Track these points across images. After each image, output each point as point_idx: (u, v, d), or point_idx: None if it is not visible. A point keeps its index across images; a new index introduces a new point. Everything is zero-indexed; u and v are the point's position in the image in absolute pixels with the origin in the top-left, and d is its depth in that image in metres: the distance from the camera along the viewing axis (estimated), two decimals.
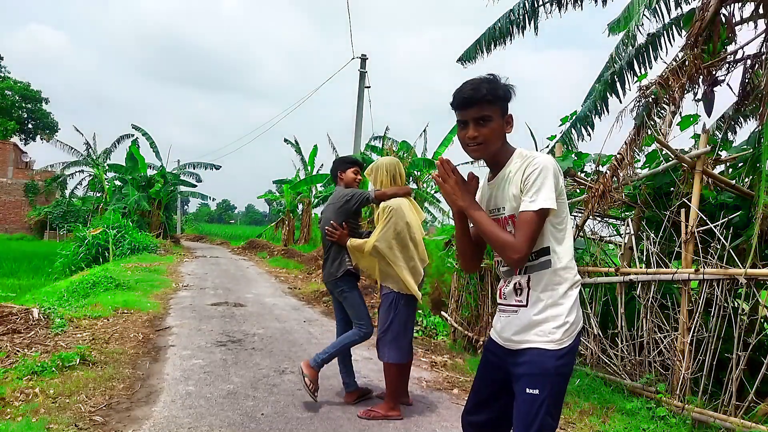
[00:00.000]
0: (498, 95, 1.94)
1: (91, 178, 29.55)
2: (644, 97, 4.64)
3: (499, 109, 1.95)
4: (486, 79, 1.96)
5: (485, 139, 1.95)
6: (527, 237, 1.85)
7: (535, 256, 1.93)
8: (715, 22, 4.77)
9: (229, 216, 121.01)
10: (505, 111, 1.99)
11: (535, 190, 1.86)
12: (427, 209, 21.70)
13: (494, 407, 2.06)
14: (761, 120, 4.18)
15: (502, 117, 1.97)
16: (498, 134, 1.96)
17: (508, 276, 2.02)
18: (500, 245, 1.88)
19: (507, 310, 2.01)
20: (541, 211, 1.85)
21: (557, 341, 1.86)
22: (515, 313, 1.96)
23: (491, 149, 1.98)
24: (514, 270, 1.98)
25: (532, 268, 1.94)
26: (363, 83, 16.59)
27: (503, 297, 2.04)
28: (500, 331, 2.03)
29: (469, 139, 1.97)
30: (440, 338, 6.90)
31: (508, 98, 1.99)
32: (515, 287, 1.98)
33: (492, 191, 2.05)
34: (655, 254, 4.25)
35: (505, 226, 1.98)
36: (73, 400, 3.68)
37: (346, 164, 4.11)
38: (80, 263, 15.31)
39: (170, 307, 7.76)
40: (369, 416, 3.65)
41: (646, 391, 4.03)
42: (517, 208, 1.92)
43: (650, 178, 4.60)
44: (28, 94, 44.03)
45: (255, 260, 18.60)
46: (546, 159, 1.92)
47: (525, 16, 6.80)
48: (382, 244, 3.61)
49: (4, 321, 5.20)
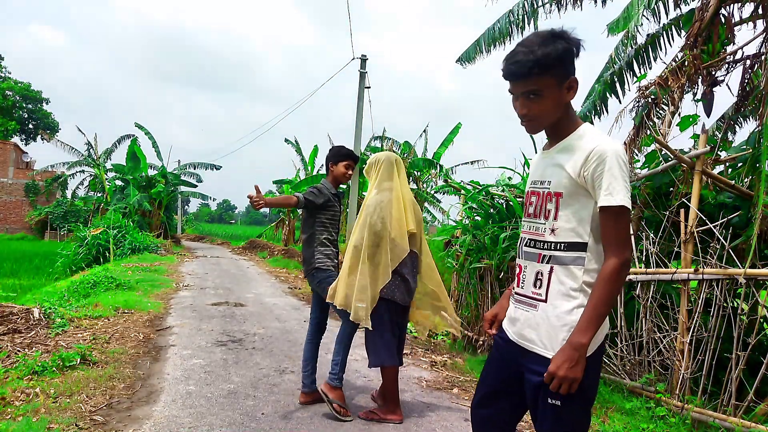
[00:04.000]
0: (550, 63, 1.64)
1: (91, 178, 29.61)
2: (644, 97, 4.65)
3: (554, 78, 1.67)
4: (542, 41, 1.66)
5: (537, 115, 1.72)
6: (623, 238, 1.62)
7: (567, 248, 1.69)
8: (714, 23, 4.78)
9: (229, 216, 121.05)
10: (565, 77, 1.69)
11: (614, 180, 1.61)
12: (427, 209, 21.72)
13: (504, 401, 1.89)
14: (761, 120, 4.19)
15: (560, 85, 1.69)
16: (553, 107, 1.71)
17: (530, 260, 1.79)
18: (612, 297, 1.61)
19: (524, 301, 1.80)
20: (626, 207, 1.62)
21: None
22: (533, 308, 1.75)
23: (545, 123, 1.76)
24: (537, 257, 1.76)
25: (560, 260, 1.70)
26: (363, 84, 16.58)
27: (521, 284, 1.81)
28: (514, 324, 1.83)
29: (520, 114, 1.76)
30: (440, 338, 6.91)
31: (568, 61, 1.67)
32: (536, 275, 1.75)
33: (544, 160, 1.83)
34: (655, 254, 4.26)
35: (547, 203, 1.75)
36: (74, 399, 3.68)
37: (340, 156, 3.94)
38: (81, 263, 15.35)
39: (171, 306, 7.77)
40: (369, 418, 3.63)
41: (645, 391, 4.04)
42: (566, 186, 1.70)
43: (650, 178, 4.61)
44: (29, 94, 44.06)
45: (255, 260, 18.61)
46: (614, 145, 1.67)
47: (524, 16, 6.81)
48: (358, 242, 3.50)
49: (5, 321, 5.21)
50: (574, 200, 1.70)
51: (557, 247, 1.71)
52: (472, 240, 5.98)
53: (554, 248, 1.72)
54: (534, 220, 1.80)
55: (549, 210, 1.74)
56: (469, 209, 6.46)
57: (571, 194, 1.70)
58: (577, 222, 1.69)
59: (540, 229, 1.77)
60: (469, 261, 6.03)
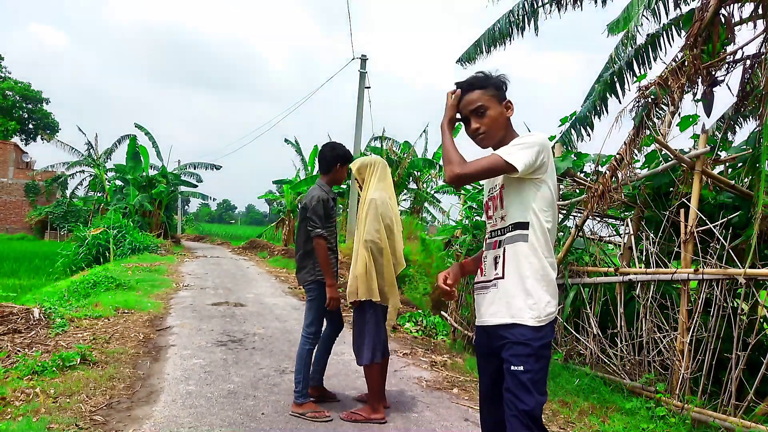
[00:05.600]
0: (488, 84, 2.03)
1: (91, 178, 29.60)
2: (643, 97, 4.64)
3: (494, 97, 2.03)
4: (474, 75, 2.07)
5: (487, 127, 2.03)
6: (478, 166, 1.92)
7: (512, 228, 1.98)
8: (714, 23, 4.77)
9: (229, 216, 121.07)
10: (502, 98, 2.05)
11: (518, 147, 1.91)
12: (427, 209, 21.73)
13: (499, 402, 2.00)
14: (761, 120, 4.18)
15: (500, 104, 2.04)
16: (499, 121, 2.04)
17: (488, 250, 2.08)
18: (448, 158, 1.96)
19: (486, 286, 2.05)
20: (509, 165, 1.88)
21: (535, 318, 1.90)
22: (495, 287, 2.00)
23: (497, 137, 2.04)
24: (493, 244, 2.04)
25: (510, 240, 1.98)
26: (363, 83, 16.59)
27: (484, 273, 2.09)
28: (479, 310, 2.08)
29: (473, 132, 2.05)
30: (440, 338, 6.91)
31: (501, 86, 2.06)
32: (494, 260, 2.03)
33: None
34: (655, 254, 4.26)
35: (497, 198, 2.05)
36: (74, 399, 3.69)
37: (348, 161, 3.88)
38: (81, 263, 15.34)
39: (171, 306, 7.77)
40: (351, 419, 3.59)
41: (645, 391, 4.04)
42: (507, 178, 1.98)
43: (649, 179, 4.61)
44: (29, 94, 44.08)
45: (255, 260, 18.60)
46: (539, 135, 1.97)
47: (524, 16, 6.81)
48: (372, 236, 3.53)
49: (5, 321, 5.21)
50: (514, 187, 1.99)
51: (508, 229, 2.00)
52: (472, 240, 5.98)
53: (506, 231, 2.01)
54: (491, 218, 2.11)
55: (498, 203, 2.06)
56: (469, 209, 6.46)
57: (511, 182, 1.99)
58: (519, 205, 1.98)
59: (495, 221, 2.08)
60: None
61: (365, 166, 3.75)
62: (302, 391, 3.66)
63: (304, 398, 3.67)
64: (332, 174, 3.87)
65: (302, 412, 3.62)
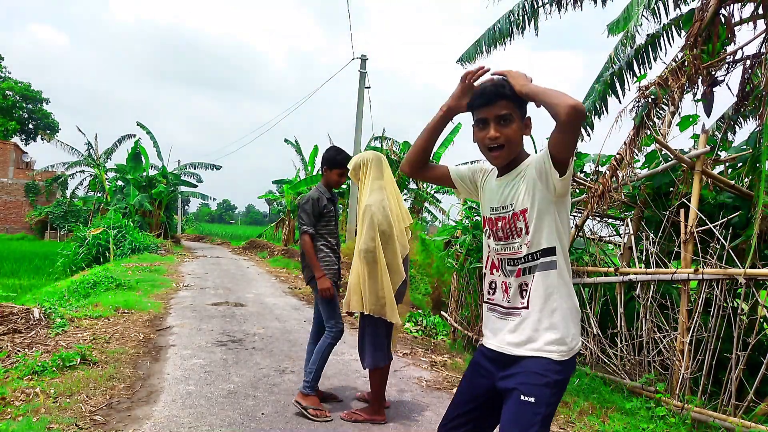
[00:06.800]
0: (516, 96, 1.81)
1: (91, 178, 29.59)
2: (643, 97, 4.64)
3: (519, 110, 1.84)
4: (506, 79, 1.85)
5: (507, 140, 1.82)
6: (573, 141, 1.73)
7: (541, 255, 1.82)
8: (714, 23, 4.78)
9: (229, 216, 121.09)
10: (525, 113, 1.87)
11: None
12: (427, 209, 21.72)
13: (471, 422, 1.95)
14: (761, 120, 4.19)
15: (522, 119, 1.86)
16: (519, 137, 1.86)
17: (512, 277, 1.89)
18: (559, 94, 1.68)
19: (511, 312, 1.88)
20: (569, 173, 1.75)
21: (561, 352, 1.78)
22: (518, 317, 1.85)
23: (513, 153, 1.87)
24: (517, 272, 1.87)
25: (538, 268, 1.82)
26: (363, 84, 16.59)
27: (507, 299, 1.90)
28: (496, 335, 1.91)
29: (490, 139, 1.83)
30: (440, 338, 6.91)
31: (526, 101, 1.85)
32: (519, 288, 1.86)
33: (501, 188, 1.93)
34: (655, 254, 4.26)
35: (516, 222, 1.86)
36: (74, 399, 3.69)
37: (335, 164, 3.88)
38: (81, 263, 15.35)
39: (171, 306, 7.77)
40: (352, 419, 3.59)
41: (645, 391, 4.04)
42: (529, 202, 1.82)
43: (649, 179, 4.61)
44: (29, 94, 44.04)
45: (255, 260, 18.60)
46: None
47: (525, 16, 6.81)
48: (366, 245, 3.45)
49: (5, 321, 5.21)
50: (538, 211, 1.83)
51: (534, 256, 1.84)
52: (472, 240, 5.99)
53: (531, 259, 1.85)
54: (507, 242, 1.91)
55: (520, 228, 1.86)
56: (469, 209, 6.46)
57: (533, 206, 1.83)
58: (546, 230, 1.83)
59: (515, 248, 1.88)
60: (469, 261, 6.03)
61: (358, 166, 3.69)
62: (311, 383, 3.69)
63: (311, 390, 3.69)
64: (324, 177, 3.95)
65: (305, 405, 3.62)
